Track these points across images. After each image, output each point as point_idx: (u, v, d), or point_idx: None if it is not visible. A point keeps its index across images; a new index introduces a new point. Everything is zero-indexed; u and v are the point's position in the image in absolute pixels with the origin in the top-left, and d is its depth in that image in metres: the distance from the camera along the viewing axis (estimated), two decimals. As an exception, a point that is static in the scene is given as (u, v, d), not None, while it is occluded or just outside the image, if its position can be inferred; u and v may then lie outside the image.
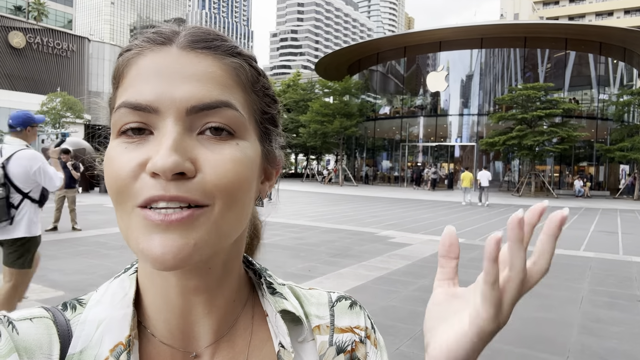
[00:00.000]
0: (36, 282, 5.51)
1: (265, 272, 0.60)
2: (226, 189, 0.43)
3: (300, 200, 19.88)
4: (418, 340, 4.02)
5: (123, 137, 0.44)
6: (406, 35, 35.03)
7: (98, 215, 11.87)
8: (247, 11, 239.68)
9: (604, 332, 4.42)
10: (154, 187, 0.41)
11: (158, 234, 0.41)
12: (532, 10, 75.13)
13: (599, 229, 12.66)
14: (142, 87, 0.44)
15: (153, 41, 0.46)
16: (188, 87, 0.43)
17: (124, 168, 0.42)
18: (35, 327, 0.45)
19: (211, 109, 0.44)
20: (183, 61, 0.45)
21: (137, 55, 0.46)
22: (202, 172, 0.42)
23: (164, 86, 0.43)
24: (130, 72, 0.46)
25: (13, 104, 39.59)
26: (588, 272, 7.00)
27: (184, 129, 0.43)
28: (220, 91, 0.45)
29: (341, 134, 33.92)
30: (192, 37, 0.46)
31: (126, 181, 0.42)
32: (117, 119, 0.44)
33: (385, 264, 7.15)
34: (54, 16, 54.61)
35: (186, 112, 0.43)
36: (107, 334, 0.47)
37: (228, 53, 0.47)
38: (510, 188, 31.52)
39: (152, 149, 0.42)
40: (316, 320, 0.57)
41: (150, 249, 0.41)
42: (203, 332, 0.51)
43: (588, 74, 32.57)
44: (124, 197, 0.43)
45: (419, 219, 13.80)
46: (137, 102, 0.43)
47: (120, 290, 0.50)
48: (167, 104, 0.43)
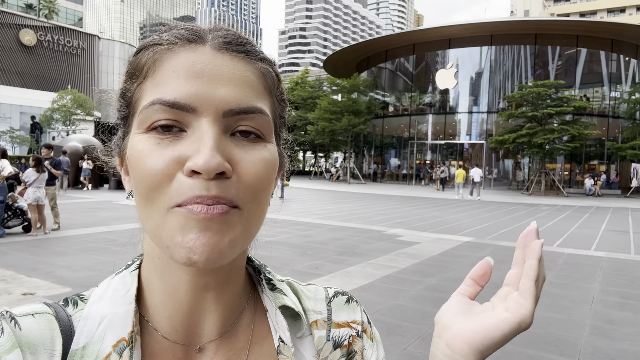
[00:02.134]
0: (44, 278, 5.55)
1: (264, 268, 0.60)
2: (257, 190, 0.45)
3: (308, 197, 19.86)
4: (426, 340, 3.98)
5: (154, 133, 0.44)
6: (415, 33, 34.88)
7: (107, 212, 11.94)
8: (255, 9, 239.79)
9: (615, 333, 4.35)
10: (195, 187, 0.41)
11: (197, 228, 0.42)
12: (542, 7, 74.37)
13: (610, 228, 12.50)
14: (179, 85, 0.44)
15: (185, 38, 0.46)
16: (226, 90, 0.44)
17: (159, 164, 0.42)
18: (37, 322, 0.45)
19: (247, 114, 0.45)
20: (219, 62, 0.45)
21: (168, 51, 0.46)
22: (237, 173, 0.44)
23: (203, 87, 0.44)
24: (162, 68, 0.45)
25: (24, 101, 40.02)
26: (599, 272, 6.91)
27: (220, 130, 0.44)
28: (255, 97, 0.46)
29: (349, 132, 33.86)
30: (226, 39, 0.47)
31: (161, 178, 0.42)
32: (149, 115, 0.44)
33: (393, 262, 7.10)
34: (64, 14, 54.97)
35: (223, 114, 0.44)
36: (109, 330, 0.47)
37: (258, 58, 0.49)
38: (520, 186, 31.28)
39: (188, 147, 0.42)
40: (314, 315, 0.58)
41: (189, 242, 0.42)
42: (207, 328, 0.51)
43: (599, 71, 32.20)
44: (157, 195, 0.43)
45: (427, 217, 13.72)
46: (176, 101, 0.43)
47: (122, 287, 0.51)
48: (206, 104, 0.43)
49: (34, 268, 6.03)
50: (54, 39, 47.90)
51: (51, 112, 35.95)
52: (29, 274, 5.73)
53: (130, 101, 0.48)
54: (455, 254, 7.92)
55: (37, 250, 7.22)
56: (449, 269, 6.72)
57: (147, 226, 0.45)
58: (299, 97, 42.34)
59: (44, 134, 39.13)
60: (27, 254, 6.91)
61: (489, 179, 32.09)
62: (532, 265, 0.45)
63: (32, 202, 8.28)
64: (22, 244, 7.72)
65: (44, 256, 6.78)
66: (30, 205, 8.32)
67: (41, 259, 6.61)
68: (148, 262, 0.51)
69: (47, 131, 38.10)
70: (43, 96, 39.06)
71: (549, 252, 8.39)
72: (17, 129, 36.45)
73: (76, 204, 13.98)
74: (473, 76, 33.01)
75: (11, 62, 44.40)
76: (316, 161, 48.92)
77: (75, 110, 35.99)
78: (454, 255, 7.86)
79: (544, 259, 0.46)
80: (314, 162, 49.31)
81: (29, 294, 4.91)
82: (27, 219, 8.68)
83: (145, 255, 0.52)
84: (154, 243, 0.46)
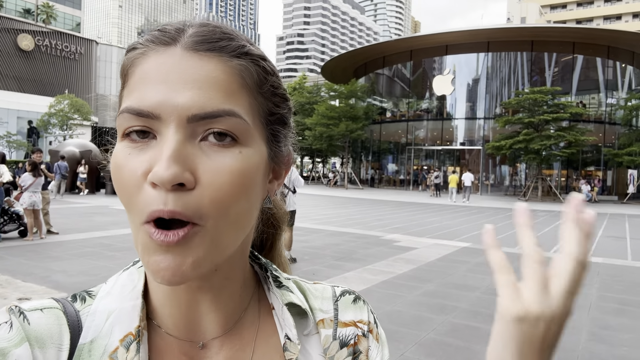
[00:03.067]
0: (40, 283, 5.52)
1: (270, 265, 0.60)
2: (222, 202, 0.42)
3: (306, 203, 19.84)
4: (423, 346, 3.97)
5: (127, 141, 0.44)
6: (412, 39, 34.99)
7: (104, 217, 11.90)
8: (254, 14, 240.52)
9: (613, 339, 4.35)
10: (155, 201, 0.41)
11: (159, 252, 0.42)
12: (539, 14, 74.85)
13: (607, 234, 12.52)
14: (145, 92, 0.43)
15: (157, 41, 0.45)
16: (190, 94, 0.42)
17: (129, 178, 0.42)
18: (45, 317, 0.46)
19: (213, 118, 0.43)
20: (185, 65, 0.43)
21: (141, 55, 0.45)
22: (201, 184, 0.42)
23: (166, 92, 0.42)
24: (134, 74, 0.45)
25: (21, 106, 39.96)
26: (596, 278, 6.91)
27: (186, 136, 0.42)
28: (223, 98, 0.43)
29: (347, 137, 33.86)
30: (197, 37, 0.45)
31: (132, 192, 0.42)
32: (121, 122, 0.44)
33: (390, 267, 7.09)
34: (62, 19, 55.00)
35: (187, 119, 0.42)
36: (117, 325, 0.48)
37: (234, 54, 0.45)
38: (516, 192, 31.33)
39: (154, 155, 0.42)
40: (320, 314, 0.58)
41: (151, 265, 0.42)
42: (209, 326, 0.51)
43: (596, 77, 32.36)
44: (132, 207, 0.43)
45: (425, 222, 13.72)
46: (140, 109, 0.42)
47: (129, 283, 0.51)
48: (168, 111, 0.42)
49: (30, 273, 6.00)
50: (51, 43, 47.87)
51: (48, 117, 35.86)
52: (24, 278, 5.70)
53: (118, 108, 0.48)
54: (453, 260, 7.92)
55: (33, 255, 7.18)
56: (446, 275, 6.71)
57: (132, 232, 0.45)
58: (297, 102, 42.29)
59: (40, 138, 39.02)
60: (23, 258, 6.87)
61: (485, 184, 32.15)
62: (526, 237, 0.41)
63: (28, 206, 8.24)
64: (18, 248, 7.68)
65: (39, 261, 6.75)
66: (26, 209, 8.28)
67: (37, 263, 6.57)
68: None
69: (44, 136, 38.00)
70: (40, 101, 38.98)
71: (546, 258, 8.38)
72: (14, 133, 36.34)
73: (72, 208, 13.93)
74: (470, 82, 33.13)
75: (9, 67, 44.35)
76: (314, 166, 48.91)
77: (73, 115, 35.92)
78: (452, 260, 7.85)
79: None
80: (312, 167, 49.29)
81: (24, 299, 4.87)
82: (23, 224, 8.63)
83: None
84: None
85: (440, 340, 4.13)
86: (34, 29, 46.75)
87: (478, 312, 4.99)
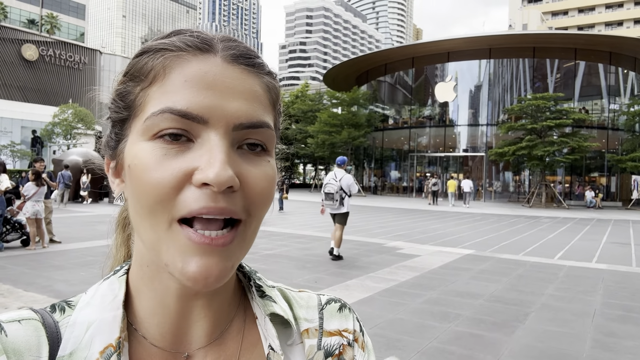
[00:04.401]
0: (41, 292, 5.51)
1: (254, 274, 0.60)
2: (261, 205, 0.45)
3: (308, 210, 19.82)
4: (426, 355, 3.93)
5: (160, 142, 0.43)
6: (414, 46, 35.09)
7: (107, 225, 11.82)
8: (256, 23, 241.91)
9: (617, 347, 4.30)
10: (202, 199, 0.41)
11: (199, 255, 0.42)
12: (540, 21, 74.98)
13: (612, 240, 12.44)
14: (192, 95, 0.43)
15: (196, 47, 0.46)
16: (238, 104, 0.44)
17: (167, 178, 0.42)
18: (23, 329, 0.45)
19: (256, 128, 0.45)
20: (230, 75, 0.45)
21: (178, 58, 0.45)
22: (244, 187, 0.44)
23: (216, 99, 0.44)
24: (172, 75, 0.45)
25: (25, 116, 40.16)
26: (600, 285, 6.85)
27: (230, 143, 0.44)
28: (263, 111, 0.47)
29: (349, 145, 33.92)
30: (236, 50, 0.47)
31: (168, 192, 0.42)
32: (157, 122, 0.43)
33: (393, 275, 7.05)
34: (66, 29, 55.46)
35: (233, 127, 0.44)
36: (97, 336, 0.47)
37: (265, 72, 0.49)
38: (520, 199, 31.22)
39: (197, 159, 0.42)
40: (305, 323, 0.58)
41: (191, 270, 0.42)
42: (196, 335, 0.51)
43: (598, 83, 32.35)
44: (161, 208, 0.42)
45: (428, 229, 13.67)
46: (188, 111, 0.43)
47: (109, 292, 0.50)
48: (218, 117, 0.43)
49: (32, 282, 5.99)
50: (55, 53, 48.22)
51: (52, 126, 36.05)
52: (26, 288, 5.69)
53: (132, 105, 0.47)
54: (456, 267, 7.87)
55: (35, 264, 7.18)
56: (449, 282, 6.67)
57: (146, 238, 0.45)
58: (299, 110, 42.47)
59: (44, 148, 39.20)
60: (25, 268, 6.87)
61: (489, 191, 32.06)
62: None
63: (30, 215, 8.25)
64: (20, 258, 7.68)
65: (42, 270, 6.74)
66: (29, 219, 8.30)
67: (39, 273, 6.57)
68: (136, 269, 0.51)
69: (48, 145, 38.18)
70: (44, 110, 39.19)
71: (550, 265, 8.34)
72: (18, 143, 36.52)
73: (75, 217, 13.96)
74: (472, 89, 33.16)
75: (13, 77, 44.66)
76: (316, 174, 48.91)
77: (76, 125, 36.10)
78: (455, 268, 7.81)
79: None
80: (314, 174, 49.31)
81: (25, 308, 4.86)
82: (25, 233, 8.64)
83: (133, 261, 0.51)
84: (151, 255, 0.46)
85: (443, 349, 4.10)
86: (38, 39, 47.12)
87: (481, 320, 4.95)
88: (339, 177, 7.89)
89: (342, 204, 7.91)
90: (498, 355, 3.99)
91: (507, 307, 5.47)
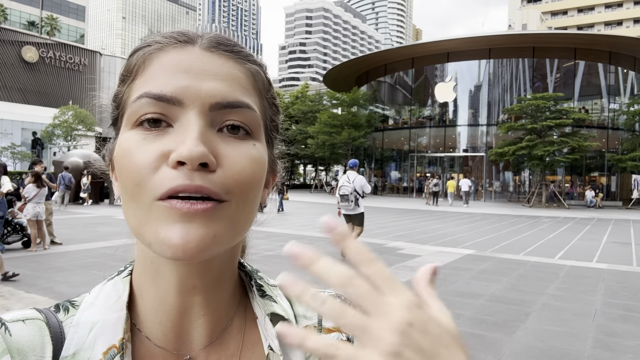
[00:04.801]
0: (43, 294, 5.52)
1: (256, 273, 0.60)
2: (244, 185, 0.44)
3: (309, 211, 19.82)
4: (427, 354, 3.94)
5: (140, 129, 0.44)
6: (414, 47, 35.11)
7: (107, 227, 11.91)
8: (256, 24, 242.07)
9: (618, 346, 4.31)
10: (178, 177, 0.41)
11: (181, 222, 0.41)
12: (540, 21, 75.03)
13: (612, 239, 12.45)
14: (167, 79, 0.44)
15: (175, 39, 0.47)
16: (213, 84, 0.45)
17: (144, 159, 0.42)
18: (28, 328, 0.45)
19: (233, 108, 0.45)
20: (207, 60, 0.46)
21: (157, 50, 0.47)
22: (222, 167, 0.43)
23: (190, 80, 0.44)
24: (151, 66, 0.46)
25: (25, 117, 40.19)
26: (601, 284, 6.86)
27: (207, 123, 0.44)
28: (242, 92, 0.47)
29: (349, 145, 33.94)
30: (215, 39, 0.48)
31: (146, 172, 0.42)
32: (136, 109, 0.44)
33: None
34: (66, 31, 55.50)
35: (210, 107, 0.44)
36: (100, 337, 0.47)
37: (247, 59, 0.50)
38: (520, 198, 31.22)
39: (173, 140, 0.43)
40: (304, 321, 0.58)
41: (172, 237, 0.41)
42: (197, 335, 0.51)
43: (598, 83, 32.35)
44: (141, 190, 0.42)
45: (428, 230, 13.68)
46: (162, 93, 0.43)
47: (113, 293, 0.50)
48: (192, 97, 0.44)
49: (33, 284, 6.01)
50: (55, 55, 48.28)
51: (52, 128, 36.07)
52: (27, 289, 5.70)
53: (120, 102, 0.49)
54: (456, 267, 7.88)
55: (37, 265, 7.19)
56: (450, 282, 6.68)
57: (132, 224, 0.44)
58: (299, 111, 42.50)
59: (45, 149, 39.22)
60: (26, 269, 6.87)
61: (489, 191, 32.06)
62: None
63: (31, 217, 8.26)
64: (22, 259, 7.69)
65: (43, 272, 6.75)
66: (30, 220, 8.31)
67: (40, 274, 6.58)
68: (140, 267, 0.51)
69: (48, 147, 38.20)
70: (44, 112, 39.21)
71: (550, 265, 8.35)
72: (18, 144, 36.55)
73: (76, 219, 13.97)
74: (472, 89, 33.16)
75: (13, 79, 44.70)
76: (316, 174, 48.92)
77: (77, 126, 36.12)
78: (456, 268, 7.82)
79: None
80: (315, 175, 49.31)
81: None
82: (26, 235, 8.65)
83: (136, 260, 0.52)
84: (140, 242, 0.45)
85: (444, 349, 4.10)
86: (38, 41, 47.20)
87: (482, 320, 4.96)
88: (351, 179, 8.14)
89: (358, 205, 8.18)
90: (499, 355, 4.00)
91: (508, 307, 5.48)
